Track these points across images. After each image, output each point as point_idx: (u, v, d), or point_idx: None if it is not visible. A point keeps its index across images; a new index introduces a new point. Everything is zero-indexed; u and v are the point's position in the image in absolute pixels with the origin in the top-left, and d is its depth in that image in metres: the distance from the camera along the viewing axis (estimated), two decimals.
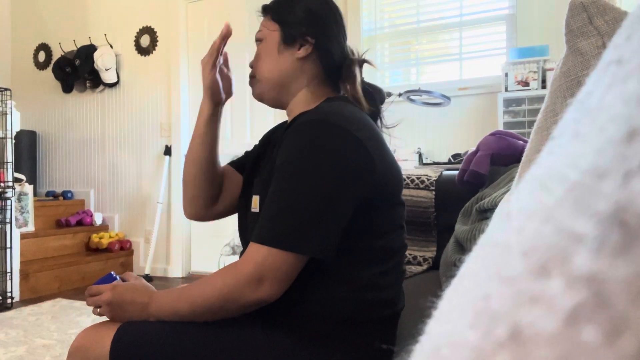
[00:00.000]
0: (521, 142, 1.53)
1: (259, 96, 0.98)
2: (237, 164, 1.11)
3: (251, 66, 0.99)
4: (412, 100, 2.62)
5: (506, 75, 2.69)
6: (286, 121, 1.03)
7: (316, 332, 0.83)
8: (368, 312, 0.85)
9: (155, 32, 3.87)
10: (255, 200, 0.91)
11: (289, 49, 0.94)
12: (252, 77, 0.99)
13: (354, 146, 0.80)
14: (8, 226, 2.94)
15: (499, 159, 1.48)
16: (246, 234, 0.97)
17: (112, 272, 0.97)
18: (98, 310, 0.89)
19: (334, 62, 0.95)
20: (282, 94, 0.96)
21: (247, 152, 1.13)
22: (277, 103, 0.98)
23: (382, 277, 0.87)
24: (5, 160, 2.97)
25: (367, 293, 0.85)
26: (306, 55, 0.94)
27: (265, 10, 0.99)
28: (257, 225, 0.79)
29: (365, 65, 1.00)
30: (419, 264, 1.63)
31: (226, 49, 1.03)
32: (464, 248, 1.25)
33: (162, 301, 0.84)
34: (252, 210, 0.92)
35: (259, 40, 0.98)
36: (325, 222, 0.77)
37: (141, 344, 0.82)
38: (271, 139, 1.07)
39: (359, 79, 0.95)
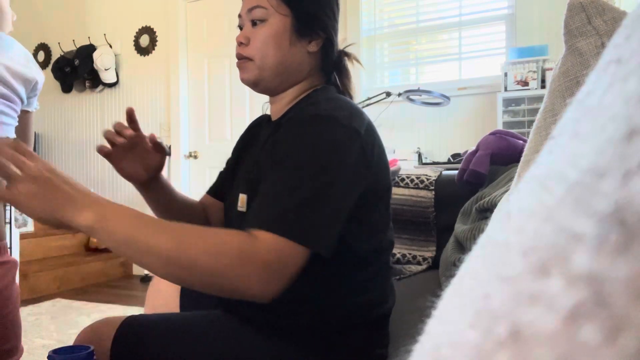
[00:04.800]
0: (521, 141, 1.53)
1: (255, 82, 0.88)
2: (214, 190, 1.08)
3: (240, 43, 0.87)
4: (411, 100, 2.62)
5: (505, 75, 2.69)
6: (267, 115, 0.99)
7: (310, 340, 0.82)
8: (360, 315, 0.84)
9: (154, 32, 3.87)
10: (243, 199, 0.88)
11: (301, 40, 0.87)
12: (246, 58, 0.88)
13: (358, 143, 0.78)
14: (7, 226, 2.94)
15: (499, 158, 1.48)
16: None
17: (91, 347, 0.73)
18: (10, 188, 0.65)
19: (334, 56, 0.93)
20: (282, 84, 0.89)
21: (221, 173, 1.09)
22: (271, 91, 0.91)
23: (372, 277, 0.86)
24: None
25: (359, 296, 0.83)
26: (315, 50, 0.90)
27: None
28: (269, 214, 0.71)
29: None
30: (419, 263, 1.63)
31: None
32: (463, 247, 1.25)
33: (130, 217, 0.67)
34: (239, 209, 0.89)
35: (259, 19, 0.86)
36: (334, 219, 0.73)
37: (142, 343, 0.82)
38: (254, 133, 1.03)
39: (351, 74, 0.94)
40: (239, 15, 0.90)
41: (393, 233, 0.93)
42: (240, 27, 0.91)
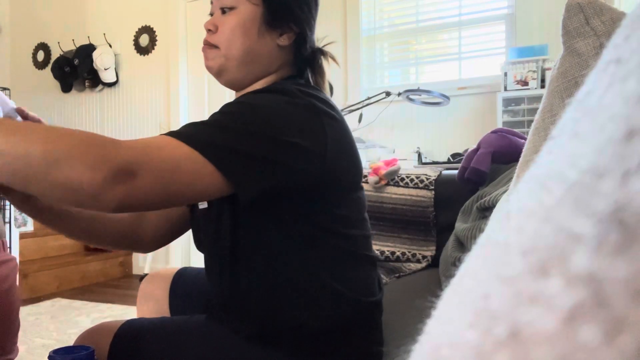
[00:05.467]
0: (523, 140, 1.53)
1: (219, 71, 0.85)
2: None
3: (208, 30, 0.86)
4: (411, 100, 2.62)
5: (505, 74, 2.69)
6: None
7: (301, 342, 0.80)
8: (346, 311, 0.80)
9: (154, 32, 3.87)
10: None
11: (270, 32, 0.84)
12: (212, 45, 0.85)
13: (314, 117, 0.74)
14: (7, 226, 2.93)
15: (500, 156, 1.48)
16: (198, 233, 0.90)
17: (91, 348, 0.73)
18: None
19: (307, 53, 0.89)
20: (247, 76, 0.86)
21: None
22: (235, 83, 0.87)
23: (352, 270, 0.83)
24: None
25: (341, 290, 0.81)
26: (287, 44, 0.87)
27: None
28: (182, 129, 0.67)
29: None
30: (418, 261, 1.63)
31: None
32: (464, 246, 1.25)
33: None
34: (200, 206, 0.85)
35: (229, 6, 0.84)
36: (259, 163, 0.67)
37: (140, 349, 0.81)
38: None
39: (327, 73, 0.91)
40: (211, 2, 0.88)
41: (369, 225, 0.89)
42: (211, 15, 0.89)
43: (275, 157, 0.69)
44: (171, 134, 0.66)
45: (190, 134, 0.65)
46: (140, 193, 0.59)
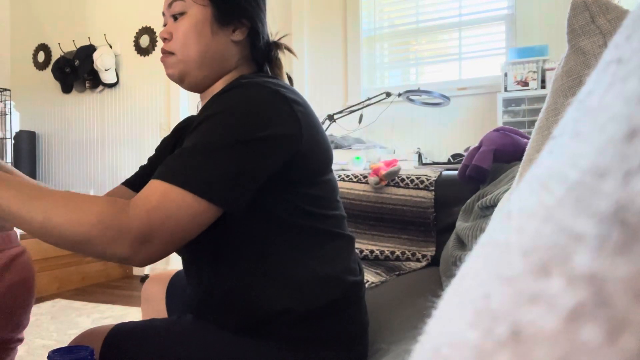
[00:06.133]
0: (525, 139, 1.53)
1: (180, 77, 0.88)
2: (131, 182, 1.04)
3: (164, 39, 0.88)
4: (411, 101, 2.62)
5: (505, 75, 2.69)
6: (195, 115, 0.98)
7: (288, 329, 0.79)
8: (335, 290, 0.81)
9: (154, 32, 3.87)
10: None
11: (223, 29, 0.87)
12: (169, 53, 0.87)
13: (283, 105, 0.76)
14: None
15: (502, 155, 1.48)
16: None
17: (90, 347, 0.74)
18: None
19: (262, 46, 0.92)
20: (208, 76, 0.88)
21: (141, 166, 1.07)
22: (199, 86, 0.90)
23: (334, 249, 0.84)
24: (4, 161, 2.97)
25: (329, 270, 0.81)
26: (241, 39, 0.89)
27: None
28: (166, 166, 0.71)
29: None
30: (418, 260, 1.63)
31: None
32: (464, 244, 1.25)
33: (10, 187, 0.67)
34: None
35: (179, 12, 0.86)
36: (242, 176, 0.71)
37: (129, 350, 0.81)
38: (180, 135, 1.01)
39: (283, 65, 0.94)
40: (163, 14, 0.90)
41: (342, 207, 0.91)
42: (165, 25, 0.91)
43: (258, 164, 0.72)
44: (162, 176, 0.69)
45: (176, 174, 0.69)
46: (160, 251, 0.68)
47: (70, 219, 0.65)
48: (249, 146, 0.71)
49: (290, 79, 0.98)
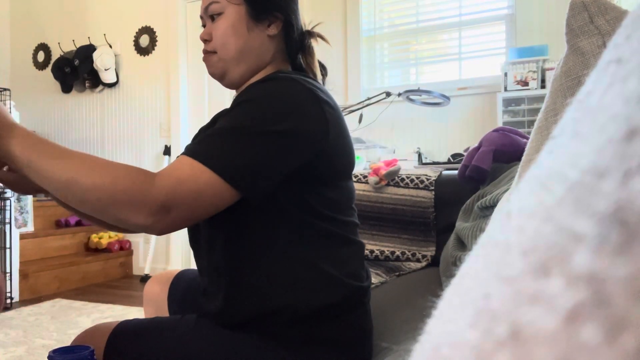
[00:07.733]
0: (524, 139, 1.53)
1: (222, 74, 0.92)
2: None
3: (205, 40, 0.92)
4: (411, 100, 2.62)
5: (505, 75, 2.69)
6: None
7: (294, 328, 0.80)
8: (342, 293, 0.81)
9: (154, 32, 3.87)
10: None
11: (259, 25, 0.90)
12: (211, 52, 0.91)
13: (314, 103, 0.78)
14: (7, 226, 2.93)
15: (502, 155, 1.48)
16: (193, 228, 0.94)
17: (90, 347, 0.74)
18: None
19: (297, 37, 0.94)
20: (246, 71, 0.91)
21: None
22: (238, 82, 0.93)
23: (345, 253, 0.85)
24: None
25: (337, 273, 0.82)
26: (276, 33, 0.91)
27: None
28: (195, 144, 0.74)
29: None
30: (418, 260, 1.63)
31: None
32: (464, 245, 1.25)
33: (34, 146, 0.68)
34: None
35: (216, 13, 0.90)
36: (265, 165, 0.73)
37: (133, 346, 0.82)
38: (222, 115, 1.04)
39: (315, 52, 0.96)
40: (201, 17, 0.94)
41: (356, 215, 0.93)
42: (204, 27, 0.94)
43: (285, 156, 0.75)
44: (192, 154, 0.72)
45: (207, 154, 0.72)
46: (176, 223, 0.70)
47: (95, 182, 0.67)
48: (277, 137, 0.74)
49: (323, 66, 1.00)
